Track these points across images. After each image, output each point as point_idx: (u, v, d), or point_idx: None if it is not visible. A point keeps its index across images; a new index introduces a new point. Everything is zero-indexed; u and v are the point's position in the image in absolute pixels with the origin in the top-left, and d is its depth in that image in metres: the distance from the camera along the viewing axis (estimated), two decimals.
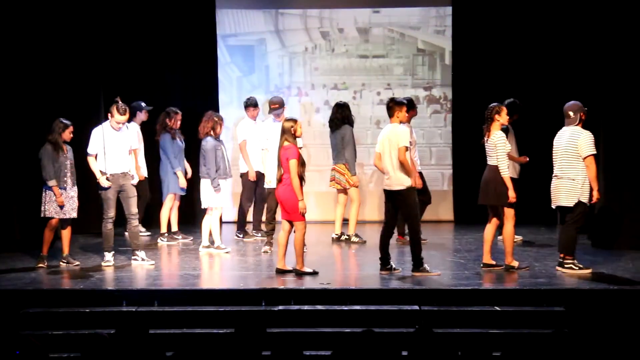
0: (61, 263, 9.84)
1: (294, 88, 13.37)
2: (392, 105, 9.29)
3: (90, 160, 9.77)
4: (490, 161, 9.20)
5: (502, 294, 8.43)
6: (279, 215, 9.77)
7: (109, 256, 9.78)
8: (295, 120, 9.24)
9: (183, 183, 11.11)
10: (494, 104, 9.32)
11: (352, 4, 13.31)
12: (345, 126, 11.07)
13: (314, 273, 9.10)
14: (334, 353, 5.95)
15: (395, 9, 13.27)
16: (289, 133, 9.13)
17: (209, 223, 10.56)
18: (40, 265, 9.74)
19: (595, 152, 9.03)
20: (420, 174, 11.00)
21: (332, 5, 13.31)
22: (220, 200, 10.52)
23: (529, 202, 11.49)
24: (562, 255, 9.16)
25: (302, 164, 9.08)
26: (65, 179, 9.73)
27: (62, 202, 9.64)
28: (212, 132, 10.49)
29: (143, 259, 9.83)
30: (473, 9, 12.98)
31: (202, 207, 10.63)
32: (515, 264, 9.20)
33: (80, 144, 10.08)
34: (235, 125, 12.12)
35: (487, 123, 9.24)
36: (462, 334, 7.83)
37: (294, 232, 9.13)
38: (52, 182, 9.64)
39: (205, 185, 10.49)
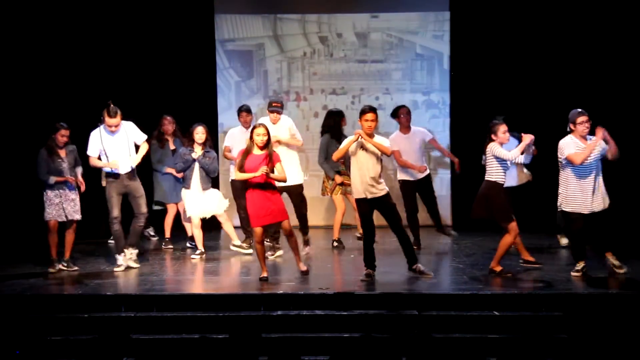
0: (61, 266, 9.83)
1: (292, 93, 13.38)
2: None
3: (92, 159, 9.71)
4: (487, 176, 9.16)
5: (500, 298, 8.43)
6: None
7: (121, 259, 9.76)
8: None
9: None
10: (493, 121, 9.24)
11: (351, 8, 13.33)
12: (325, 134, 11.07)
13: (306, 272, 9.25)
14: (332, 358, 5.96)
15: (394, 14, 13.29)
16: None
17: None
18: (51, 269, 9.74)
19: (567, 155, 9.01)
20: None
21: (330, 10, 13.33)
22: (190, 209, 10.53)
23: (528, 208, 11.51)
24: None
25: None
26: (61, 182, 9.72)
27: (60, 179, 9.62)
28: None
29: (130, 258, 9.76)
30: (471, 14, 13.01)
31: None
32: (498, 268, 9.22)
33: (81, 150, 10.06)
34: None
35: (486, 140, 9.18)
36: (461, 338, 7.83)
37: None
38: (45, 177, 9.63)
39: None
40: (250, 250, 10.56)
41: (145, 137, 9.86)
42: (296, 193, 10.48)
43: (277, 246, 10.54)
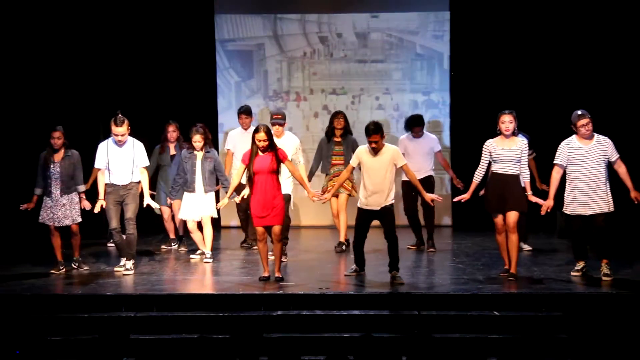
0: (73, 265, 9.89)
1: (292, 93, 13.39)
2: None
3: (97, 174, 9.73)
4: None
5: (500, 298, 8.43)
6: None
7: (123, 261, 9.75)
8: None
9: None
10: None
11: (351, 8, 13.33)
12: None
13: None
14: (332, 358, 5.95)
15: (394, 14, 13.29)
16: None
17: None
18: (54, 270, 9.74)
19: (555, 162, 9.03)
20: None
21: (330, 10, 13.34)
22: (184, 212, 10.45)
23: (528, 208, 11.50)
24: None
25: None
26: (49, 188, 9.69)
27: (29, 206, 9.71)
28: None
29: (127, 269, 9.70)
30: (471, 14, 13.01)
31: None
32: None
33: (83, 156, 10.06)
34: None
35: None
36: (460, 338, 7.83)
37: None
38: (36, 191, 9.72)
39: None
40: (210, 260, 10.42)
41: (147, 163, 9.85)
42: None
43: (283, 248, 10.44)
